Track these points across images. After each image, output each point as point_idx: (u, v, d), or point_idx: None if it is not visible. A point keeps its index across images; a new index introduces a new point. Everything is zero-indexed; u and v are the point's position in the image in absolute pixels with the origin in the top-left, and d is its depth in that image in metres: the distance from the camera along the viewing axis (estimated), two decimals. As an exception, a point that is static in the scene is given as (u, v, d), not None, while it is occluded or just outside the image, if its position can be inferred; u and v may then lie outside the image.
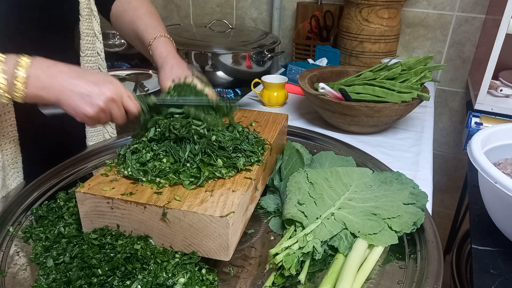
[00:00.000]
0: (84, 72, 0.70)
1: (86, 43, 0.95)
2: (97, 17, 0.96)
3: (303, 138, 1.06)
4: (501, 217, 0.79)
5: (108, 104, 0.68)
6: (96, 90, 0.67)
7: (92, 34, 0.96)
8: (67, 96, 0.66)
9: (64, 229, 0.69)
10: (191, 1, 2.06)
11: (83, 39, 0.94)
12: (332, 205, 0.72)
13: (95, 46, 0.98)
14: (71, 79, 0.67)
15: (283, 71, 1.75)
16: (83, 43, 0.94)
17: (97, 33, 0.98)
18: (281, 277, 0.62)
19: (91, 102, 0.67)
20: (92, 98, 0.67)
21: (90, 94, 0.67)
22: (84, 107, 0.67)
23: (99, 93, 0.67)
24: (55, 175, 0.87)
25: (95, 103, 0.67)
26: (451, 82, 1.75)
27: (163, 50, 0.90)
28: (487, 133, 0.85)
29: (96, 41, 0.98)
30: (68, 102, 0.66)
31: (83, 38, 0.94)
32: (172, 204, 0.60)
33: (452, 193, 1.89)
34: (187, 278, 0.59)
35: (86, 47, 0.95)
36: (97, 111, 0.67)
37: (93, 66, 0.99)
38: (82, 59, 0.96)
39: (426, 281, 0.60)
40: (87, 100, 0.66)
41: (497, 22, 1.28)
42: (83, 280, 0.56)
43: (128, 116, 0.73)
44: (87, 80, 0.67)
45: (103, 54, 1.02)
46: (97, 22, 0.97)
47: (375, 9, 1.50)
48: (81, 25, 0.92)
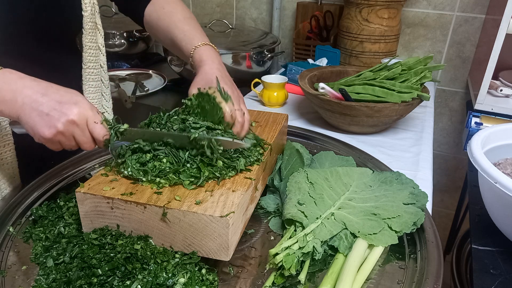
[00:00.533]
0: (52, 89, 0.63)
1: (88, 56, 0.94)
2: (101, 30, 0.96)
3: (303, 138, 1.06)
4: (501, 217, 0.79)
5: (69, 127, 0.62)
6: (57, 110, 0.61)
7: (95, 47, 0.95)
8: (27, 113, 0.61)
9: (64, 229, 0.69)
10: (191, 1, 2.06)
11: (85, 52, 0.93)
12: (332, 205, 0.72)
13: (98, 59, 0.97)
14: (35, 95, 0.61)
15: (283, 71, 1.75)
16: (85, 55, 0.93)
17: (101, 46, 0.97)
18: (281, 277, 0.62)
19: (49, 123, 0.61)
20: (52, 119, 0.61)
21: (49, 114, 0.61)
22: (41, 128, 0.61)
23: (59, 114, 0.61)
24: (55, 175, 0.87)
25: (53, 125, 0.61)
26: (451, 82, 1.75)
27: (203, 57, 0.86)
28: (487, 133, 0.85)
29: (100, 54, 0.97)
30: (26, 120, 0.62)
31: (85, 51, 0.93)
32: (172, 204, 0.60)
33: (452, 193, 1.89)
34: (187, 278, 0.59)
35: (88, 59, 0.94)
36: (54, 133, 0.62)
37: (96, 78, 0.98)
38: (84, 71, 0.94)
39: (426, 281, 0.60)
40: (46, 121, 0.61)
41: (497, 22, 1.28)
42: (83, 280, 0.56)
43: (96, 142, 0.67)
44: (50, 99, 0.62)
45: (106, 66, 1.01)
46: (101, 35, 0.96)
47: (375, 9, 1.50)
48: (84, 38, 0.91)
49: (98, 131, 0.65)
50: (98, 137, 0.65)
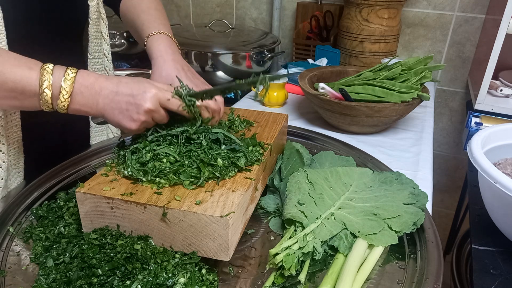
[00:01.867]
0: (122, 84, 0.68)
1: (94, 46, 0.95)
2: (105, 19, 0.96)
3: (303, 138, 1.06)
4: (501, 217, 0.79)
5: (148, 114, 0.68)
6: (133, 104, 0.67)
7: (99, 36, 0.96)
8: (110, 113, 0.68)
9: (64, 229, 0.69)
10: (191, 1, 2.06)
11: (91, 42, 0.94)
12: (332, 205, 0.72)
13: (102, 48, 0.98)
14: (111, 95, 0.67)
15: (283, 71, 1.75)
16: (91, 45, 0.95)
17: (105, 35, 0.98)
18: (281, 277, 0.62)
19: (131, 117, 0.67)
20: (132, 113, 0.67)
21: (128, 109, 0.67)
22: (127, 123, 0.68)
23: (136, 107, 0.67)
24: (55, 175, 0.87)
25: (135, 118, 0.67)
26: (451, 82, 1.75)
27: (154, 50, 0.85)
28: (487, 133, 0.85)
29: (103, 43, 0.98)
30: (111, 118, 0.68)
31: (91, 40, 0.94)
32: (172, 204, 0.60)
33: (452, 193, 1.89)
34: (187, 278, 0.59)
35: (94, 49, 0.96)
36: (139, 125, 0.68)
37: (100, 67, 0.99)
38: (90, 61, 0.96)
39: (426, 281, 0.60)
40: (127, 116, 0.67)
41: (497, 22, 1.28)
42: (83, 280, 0.56)
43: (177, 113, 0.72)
44: (124, 95, 0.67)
45: (110, 56, 1.02)
46: (105, 24, 0.96)
47: (375, 9, 1.50)
48: (90, 28, 0.93)
49: (174, 106, 0.69)
50: (173, 109, 0.70)
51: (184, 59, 1.60)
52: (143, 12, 0.93)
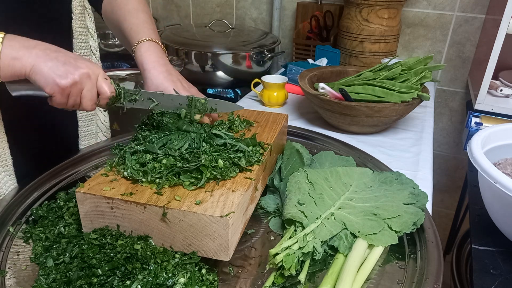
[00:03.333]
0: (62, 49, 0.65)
1: (79, 42, 0.92)
2: (91, 14, 0.93)
3: (303, 138, 1.06)
4: (501, 217, 0.79)
5: (83, 78, 0.64)
6: (73, 64, 0.63)
7: (85, 32, 0.92)
8: (42, 62, 0.62)
9: (64, 229, 0.69)
10: (191, 1, 2.06)
11: (76, 38, 0.91)
12: (332, 205, 0.72)
13: (89, 45, 0.95)
14: (49, 51, 0.63)
15: (283, 71, 1.75)
16: (76, 42, 0.91)
17: (91, 31, 0.94)
18: (281, 277, 0.62)
19: (65, 72, 0.62)
20: (68, 68, 0.63)
21: (66, 64, 0.63)
22: (58, 76, 0.62)
23: (75, 66, 0.63)
24: (54, 175, 0.87)
25: (70, 74, 0.63)
26: (451, 82, 1.75)
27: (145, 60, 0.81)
28: (487, 133, 0.85)
29: (90, 39, 0.94)
30: (41, 68, 0.62)
31: (76, 36, 0.90)
32: (172, 204, 0.60)
33: (452, 193, 1.89)
34: (187, 278, 0.59)
35: (79, 46, 0.92)
36: (70, 83, 0.63)
37: None
38: None
39: (426, 281, 0.60)
40: (62, 70, 0.62)
41: (497, 22, 1.28)
42: (83, 280, 0.56)
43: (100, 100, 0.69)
44: (64, 54, 0.64)
45: (98, 53, 0.98)
46: (91, 19, 0.93)
47: (375, 9, 1.50)
48: (74, 23, 0.89)
49: (107, 87, 0.67)
50: (105, 92, 0.67)
51: (184, 59, 1.61)
52: (130, 14, 0.88)
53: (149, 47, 0.83)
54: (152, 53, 0.82)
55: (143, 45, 0.82)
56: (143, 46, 0.82)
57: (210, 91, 1.67)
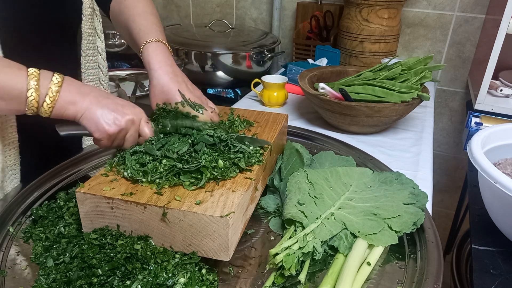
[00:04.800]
0: (111, 95, 0.72)
1: (87, 43, 0.94)
2: (99, 16, 0.95)
3: (303, 138, 1.06)
4: (501, 217, 0.79)
5: (128, 124, 0.70)
6: (120, 110, 0.69)
7: (93, 33, 0.95)
8: (93, 111, 0.68)
9: (64, 229, 0.69)
10: (191, 1, 2.06)
11: (85, 39, 0.93)
12: (332, 205, 0.72)
13: (96, 46, 0.97)
14: (100, 97, 0.69)
15: (283, 71, 1.75)
16: (84, 42, 0.93)
17: (99, 32, 0.96)
18: (281, 277, 0.62)
19: (114, 120, 0.68)
20: (116, 116, 0.69)
21: (114, 112, 0.69)
22: (106, 124, 0.68)
23: (122, 113, 0.69)
24: (55, 175, 0.87)
25: (118, 122, 0.69)
26: (451, 82, 1.75)
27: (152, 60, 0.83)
28: (487, 133, 0.85)
29: (98, 40, 0.97)
30: (92, 116, 0.68)
31: (85, 37, 0.93)
32: (172, 204, 0.60)
33: (452, 193, 1.89)
34: (187, 278, 0.59)
35: (87, 46, 0.94)
36: (117, 130, 0.69)
37: (94, 65, 0.98)
38: (83, 58, 0.94)
39: (426, 281, 0.60)
40: (110, 118, 0.68)
41: (497, 22, 1.28)
42: (83, 280, 0.56)
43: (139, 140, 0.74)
44: (113, 101, 0.70)
45: (105, 54, 1.00)
46: (99, 21, 0.95)
47: (375, 9, 1.50)
48: (83, 25, 0.91)
49: (148, 130, 0.73)
50: (146, 135, 0.73)
51: (184, 59, 1.61)
52: (139, 15, 0.90)
53: (157, 47, 0.84)
54: (159, 54, 0.83)
55: (150, 45, 0.84)
56: (151, 46, 0.84)
57: (210, 91, 1.67)
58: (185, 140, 0.70)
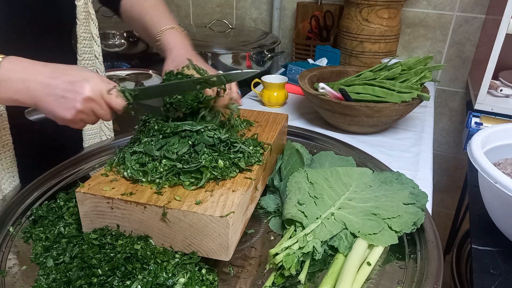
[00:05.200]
0: (59, 70, 0.64)
1: (83, 47, 0.94)
2: (95, 20, 0.95)
3: (303, 138, 1.06)
4: (501, 217, 0.79)
5: (86, 104, 0.64)
6: (71, 91, 0.62)
7: (89, 37, 0.94)
8: (43, 99, 0.62)
9: (64, 229, 0.69)
10: (191, 1, 2.06)
11: (80, 43, 0.93)
12: (332, 205, 0.72)
13: (93, 50, 0.97)
14: (46, 80, 0.62)
15: (283, 71, 1.75)
16: (80, 46, 0.93)
17: (95, 36, 0.96)
18: (281, 277, 0.62)
19: (67, 105, 0.62)
20: (68, 101, 0.62)
21: (65, 96, 0.62)
22: (61, 111, 0.63)
23: (74, 94, 0.62)
24: (55, 175, 0.87)
25: (72, 106, 0.62)
26: (451, 82, 1.75)
27: (170, 41, 0.85)
28: (487, 133, 0.85)
29: (94, 45, 0.97)
30: (44, 106, 0.63)
31: (80, 41, 0.93)
32: (172, 204, 0.60)
33: (452, 193, 1.89)
34: (187, 278, 0.59)
35: (83, 50, 0.94)
36: (75, 114, 0.63)
37: (91, 69, 0.98)
38: (80, 62, 0.95)
39: (426, 281, 0.60)
40: (63, 103, 0.62)
41: (497, 22, 1.28)
42: (83, 280, 0.56)
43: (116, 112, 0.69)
44: (61, 81, 0.63)
45: (101, 57, 1.01)
46: (95, 25, 0.95)
47: (375, 9, 1.50)
48: (78, 29, 0.91)
49: (115, 101, 0.67)
50: (116, 107, 0.67)
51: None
52: (151, 8, 0.93)
53: (175, 32, 0.88)
54: (178, 36, 0.87)
55: (167, 32, 0.87)
56: (168, 32, 0.87)
57: (210, 91, 1.67)
58: (185, 141, 0.69)
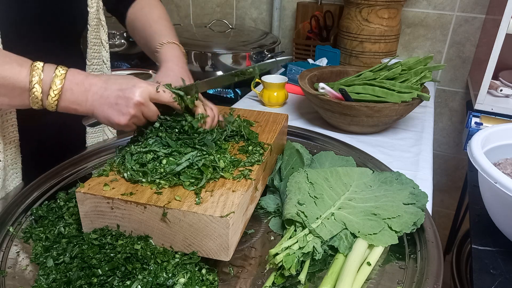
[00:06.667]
0: (111, 81, 0.70)
1: (93, 52, 0.96)
2: (105, 26, 0.97)
3: (303, 138, 1.06)
4: (501, 217, 0.79)
5: (137, 108, 0.69)
6: (122, 98, 0.68)
7: (98, 43, 0.97)
8: (99, 109, 0.69)
9: (64, 229, 0.69)
10: (191, 1, 2.06)
11: (90, 48, 0.95)
12: (332, 205, 0.72)
13: (101, 55, 0.99)
14: (100, 91, 0.68)
15: (283, 71, 1.75)
16: (90, 52, 0.95)
17: (104, 42, 0.98)
18: (281, 277, 0.62)
19: (121, 111, 0.68)
20: (121, 107, 0.68)
21: (118, 103, 0.68)
22: (116, 117, 0.68)
23: (126, 100, 0.68)
24: (55, 175, 0.87)
25: (125, 112, 0.68)
26: (451, 82, 1.75)
27: (167, 54, 0.88)
28: (487, 133, 0.85)
29: (103, 50, 0.99)
30: (101, 114, 0.69)
31: (90, 47, 0.95)
32: (172, 204, 0.60)
33: (452, 193, 1.89)
34: (187, 278, 0.59)
35: (92, 55, 0.96)
36: (129, 119, 0.69)
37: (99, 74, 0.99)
38: (88, 67, 0.96)
39: (426, 281, 0.60)
40: (117, 110, 0.68)
41: (497, 22, 1.28)
42: (83, 280, 0.56)
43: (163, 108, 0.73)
44: (113, 90, 0.69)
45: (109, 63, 1.02)
46: (104, 31, 0.97)
47: (375, 9, 1.50)
48: (89, 35, 0.93)
49: (165, 96, 0.71)
50: (165, 99, 0.71)
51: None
52: (155, 22, 0.95)
53: (174, 48, 0.90)
54: (176, 51, 0.89)
55: (166, 46, 0.89)
56: (167, 46, 0.89)
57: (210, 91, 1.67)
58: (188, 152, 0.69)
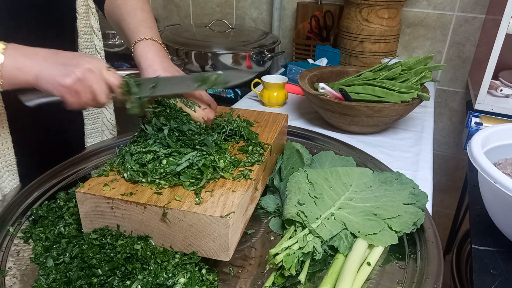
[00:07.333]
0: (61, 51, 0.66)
1: (84, 41, 0.93)
2: (96, 13, 0.94)
3: (303, 138, 1.06)
4: (501, 217, 0.79)
5: (86, 74, 0.64)
6: (73, 61, 0.64)
7: (90, 31, 0.93)
8: (45, 68, 0.63)
9: (64, 229, 0.69)
10: (191, 1, 2.06)
11: (81, 37, 0.92)
12: (332, 205, 0.72)
13: (94, 44, 0.96)
14: (49, 55, 0.65)
15: (283, 71, 1.75)
16: (81, 41, 0.92)
17: (96, 30, 0.95)
18: (281, 277, 0.62)
19: (68, 72, 0.63)
20: (69, 68, 0.63)
21: (67, 64, 0.64)
22: (61, 77, 0.63)
23: (76, 63, 0.64)
24: (55, 175, 0.87)
25: (72, 72, 0.63)
26: (451, 82, 1.75)
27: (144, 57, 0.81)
28: (487, 133, 0.85)
29: (95, 39, 0.95)
30: (45, 74, 0.63)
31: (80, 36, 0.91)
32: (172, 204, 0.60)
33: (452, 193, 1.89)
34: (187, 278, 0.59)
35: (84, 45, 0.93)
36: (74, 80, 0.63)
37: None
38: None
39: (426, 281, 0.60)
40: (64, 70, 0.63)
41: (497, 22, 1.28)
42: (83, 280, 0.56)
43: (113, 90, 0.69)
44: (64, 55, 0.65)
45: (103, 52, 0.99)
46: (95, 19, 0.94)
47: (375, 9, 1.50)
48: (79, 23, 0.90)
49: (113, 77, 0.68)
50: (113, 83, 0.68)
51: (184, 59, 1.61)
52: (128, 14, 0.87)
53: (145, 46, 0.81)
54: (148, 52, 0.81)
55: (139, 45, 0.82)
56: (140, 46, 0.82)
57: (210, 91, 1.67)
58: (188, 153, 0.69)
